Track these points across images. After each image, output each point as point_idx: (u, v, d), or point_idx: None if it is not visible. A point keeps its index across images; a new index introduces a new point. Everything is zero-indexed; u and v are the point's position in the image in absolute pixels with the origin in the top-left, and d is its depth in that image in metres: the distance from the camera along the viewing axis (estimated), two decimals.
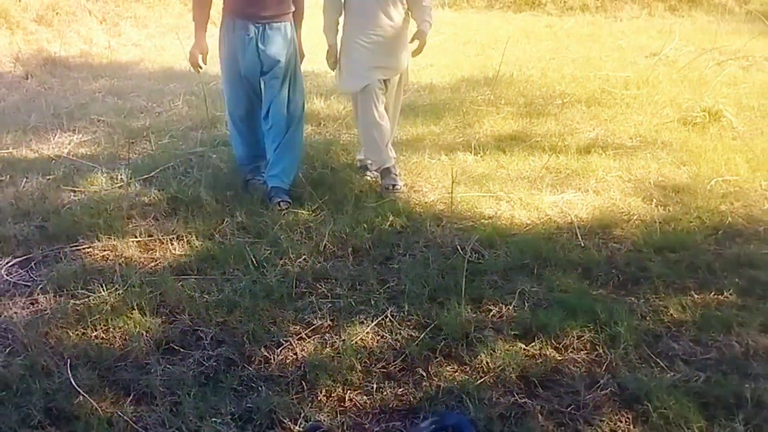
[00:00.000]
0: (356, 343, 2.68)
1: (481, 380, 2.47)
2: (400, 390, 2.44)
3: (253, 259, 3.31)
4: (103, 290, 3.04)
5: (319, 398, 2.39)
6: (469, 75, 7.82)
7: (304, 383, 2.46)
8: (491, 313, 2.90)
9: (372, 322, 2.83)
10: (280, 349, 2.66)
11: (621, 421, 2.25)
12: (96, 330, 2.78)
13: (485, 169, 4.62)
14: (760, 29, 10.68)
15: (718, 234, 3.62)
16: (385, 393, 2.42)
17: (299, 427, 2.23)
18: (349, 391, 2.42)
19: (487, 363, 2.55)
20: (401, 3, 4.16)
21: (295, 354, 2.64)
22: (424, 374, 2.52)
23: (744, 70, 8.11)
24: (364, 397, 2.40)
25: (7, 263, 3.38)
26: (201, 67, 4.10)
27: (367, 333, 2.75)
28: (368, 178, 4.42)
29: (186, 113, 6.08)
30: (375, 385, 2.45)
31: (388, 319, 2.85)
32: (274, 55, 3.93)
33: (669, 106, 6.26)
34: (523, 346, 2.67)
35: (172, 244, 3.53)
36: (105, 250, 3.50)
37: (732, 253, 3.38)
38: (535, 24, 12.90)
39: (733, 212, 3.92)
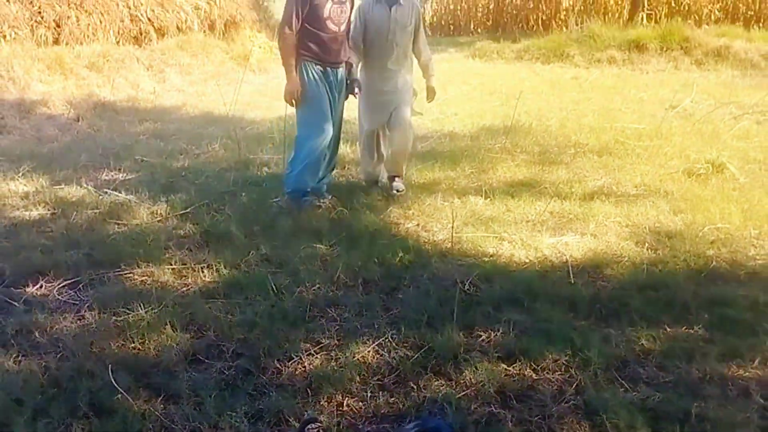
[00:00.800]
0: (357, 359, 3.06)
1: (463, 393, 2.82)
2: (392, 399, 2.80)
3: (274, 287, 3.72)
4: (141, 309, 3.46)
5: (321, 403, 2.77)
6: (490, 124, 8.23)
7: (309, 390, 2.84)
8: (480, 338, 3.24)
9: (373, 342, 3.20)
10: (290, 362, 3.04)
11: (580, 429, 2.58)
12: (134, 342, 3.20)
13: (493, 212, 4.99)
14: None
15: (701, 276, 3.92)
16: (378, 401, 2.78)
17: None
18: (347, 398, 2.79)
19: (470, 379, 2.90)
20: (409, 56, 5.21)
21: (304, 367, 3.02)
22: (414, 387, 2.87)
23: (759, 124, 8.37)
24: (360, 404, 2.77)
25: (59, 285, 3.84)
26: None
27: (368, 351, 3.12)
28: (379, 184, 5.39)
29: (222, 155, 6.59)
30: (370, 394, 2.82)
31: (387, 341, 3.21)
32: (341, 91, 5.03)
33: (677, 157, 6.58)
34: (505, 366, 3.02)
35: (202, 272, 3.96)
36: (144, 276, 3.94)
37: (708, 292, 3.68)
38: (561, 75, 13.29)
39: (719, 257, 4.21)
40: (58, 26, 10.34)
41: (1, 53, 9.11)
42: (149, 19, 12.12)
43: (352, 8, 4.94)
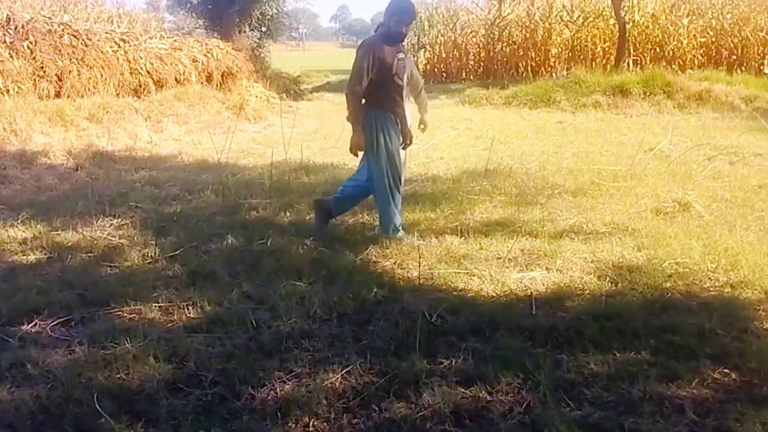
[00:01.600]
0: (326, 385, 3.29)
1: (420, 414, 3.05)
2: (355, 420, 3.04)
3: (253, 321, 3.98)
4: (128, 343, 3.71)
5: (289, 424, 3.00)
6: (473, 167, 8.56)
7: (279, 414, 3.07)
8: (442, 365, 3.48)
9: (342, 370, 3.44)
10: (263, 389, 3.28)
11: None
12: (119, 372, 3.44)
13: (466, 250, 5.25)
14: (759, 126, 11.33)
15: (655, 306, 4.16)
16: (342, 422, 3.02)
17: None
18: (313, 419, 3.03)
19: (429, 401, 3.14)
20: (408, 97, 5.70)
21: (276, 393, 3.26)
22: (377, 409, 3.11)
23: (731, 165, 8.71)
24: (325, 424, 3.00)
25: (52, 322, 4.08)
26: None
27: (336, 378, 3.36)
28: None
29: (213, 201, 6.89)
30: (334, 416, 3.05)
31: (355, 368, 3.45)
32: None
33: (648, 197, 6.87)
34: (462, 390, 3.25)
35: (187, 309, 4.21)
36: (132, 313, 4.18)
37: (659, 321, 3.92)
38: (547, 120, 13.70)
39: (675, 289, 4.45)
40: (60, 80, 10.79)
41: (5, 107, 9.50)
42: (148, 72, 12.62)
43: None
